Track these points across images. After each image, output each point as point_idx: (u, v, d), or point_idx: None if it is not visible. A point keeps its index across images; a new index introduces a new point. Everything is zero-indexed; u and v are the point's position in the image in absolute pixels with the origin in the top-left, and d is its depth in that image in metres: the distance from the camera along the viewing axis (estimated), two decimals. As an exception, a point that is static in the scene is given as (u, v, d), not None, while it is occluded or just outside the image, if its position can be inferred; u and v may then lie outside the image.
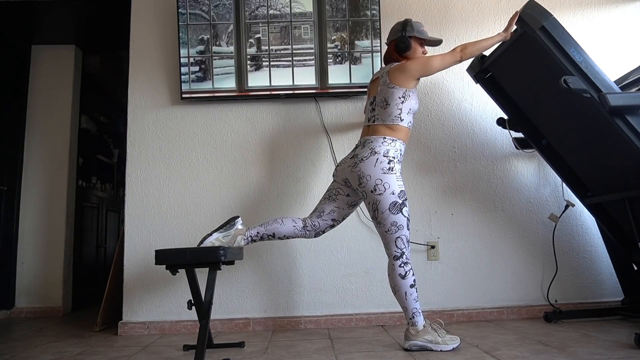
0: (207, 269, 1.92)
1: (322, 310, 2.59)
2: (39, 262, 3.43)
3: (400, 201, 1.99)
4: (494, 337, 2.16)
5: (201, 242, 2.01)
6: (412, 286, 1.98)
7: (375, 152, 2.02)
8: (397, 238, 1.99)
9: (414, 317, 1.97)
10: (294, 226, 2.16)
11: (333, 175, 2.23)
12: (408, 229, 2.01)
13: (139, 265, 2.60)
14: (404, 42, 2.12)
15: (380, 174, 1.98)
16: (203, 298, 1.94)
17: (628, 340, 2.00)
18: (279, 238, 2.17)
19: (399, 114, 2.06)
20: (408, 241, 2.01)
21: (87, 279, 3.79)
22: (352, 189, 2.14)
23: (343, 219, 2.23)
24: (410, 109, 2.08)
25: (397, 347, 2.04)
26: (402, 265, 1.99)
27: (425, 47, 2.23)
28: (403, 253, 1.99)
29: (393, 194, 1.98)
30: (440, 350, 1.93)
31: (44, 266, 3.43)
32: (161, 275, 2.58)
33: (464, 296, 2.64)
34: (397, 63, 2.14)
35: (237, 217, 2.12)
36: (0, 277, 3.29)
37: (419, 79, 2.11)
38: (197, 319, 2.25)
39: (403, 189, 2.01)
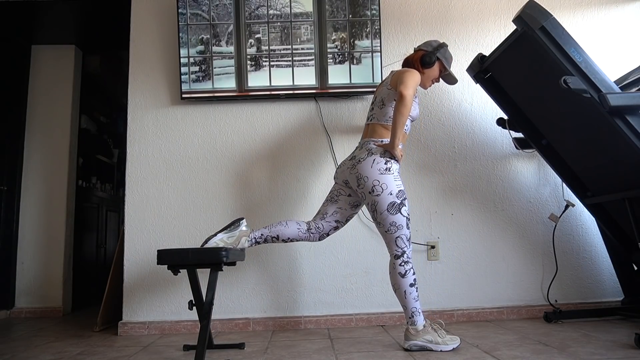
0: (208, 269, 1.92)
1: (322, 310, 2.59)
2: (39, 262, 3.43)
3: (399, 201, 2.00)
4: (494, 337, 2.16)
5: (205, 242, 2.02)
6: (411, 285, 1.99)
7: (372, 153, 2.05)
8: (397, 238, 2.00)
9: (413, 317, 1.98)
10: (298, 228, 2.17)
11: (334, 178, 2.25)
12: (408, 228, 2.02)
13: (139, 265, 2.61)
14: (430, 57, 2.17)
15: (377, 174, 2.00)
16: (204, 298, 1.94)
17: (628, 340, 2.00)
18: (283, 240, 2.17)
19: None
20: (409, 240, 2.02)
21: (87, 279, 3.79)
22: (352, 189, 2.16)
23: (347, 220, 2.25)
24: None
25: (397, 347, 2.04)
26: (403, 264, 2.00)
27: (441, 79, 2.27)
28: (404, 252, 2.01)
29: (391, 194, 1.99)
30: (440, 351, 1.93)
31: (44, 266, 3.43)
32: (161, 275, 2.59)
33: (464, 296, 2.64)
34: (403, 69, 2.15)
35: (242, 218, 2.13)
36: (0, 277, 3.29)
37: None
38: (197, 319, 2.25)
39: (402, 188, 2.02)
